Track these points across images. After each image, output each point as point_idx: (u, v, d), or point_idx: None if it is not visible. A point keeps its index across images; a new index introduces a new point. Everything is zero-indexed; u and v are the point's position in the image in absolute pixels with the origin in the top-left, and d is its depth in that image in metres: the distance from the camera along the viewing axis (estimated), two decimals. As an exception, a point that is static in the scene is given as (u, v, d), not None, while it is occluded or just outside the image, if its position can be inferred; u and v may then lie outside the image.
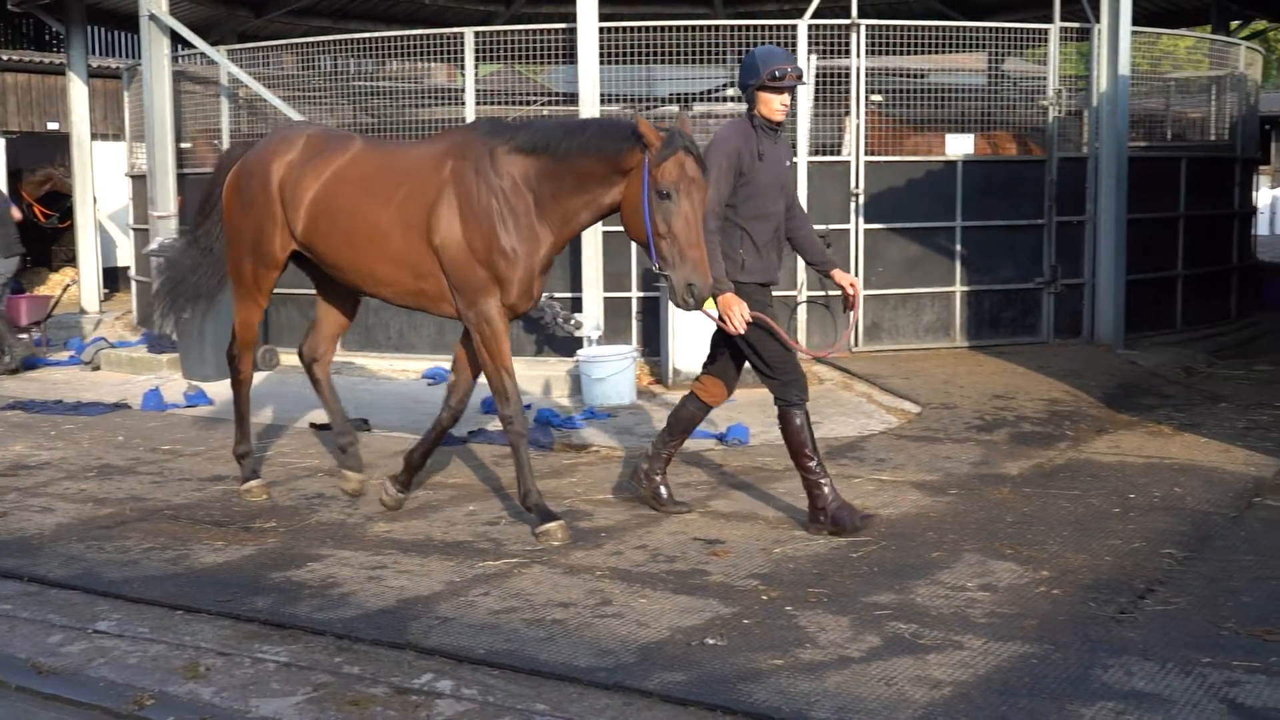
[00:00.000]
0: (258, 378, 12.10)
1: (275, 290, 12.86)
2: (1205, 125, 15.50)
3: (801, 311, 12.11)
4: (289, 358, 12.85)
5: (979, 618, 5.33)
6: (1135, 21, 13.18)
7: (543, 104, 13.69)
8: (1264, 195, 24.71)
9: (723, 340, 6.76)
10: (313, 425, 9.78)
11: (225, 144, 13.44)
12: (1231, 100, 15.19)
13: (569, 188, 6.37)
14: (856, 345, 12.37)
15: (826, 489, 6.55)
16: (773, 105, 6.48)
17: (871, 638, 5.10)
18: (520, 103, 13.83)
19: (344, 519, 7.03)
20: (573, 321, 11.74)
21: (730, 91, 14.67)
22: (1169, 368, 11.86)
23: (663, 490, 7.05)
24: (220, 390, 11.29)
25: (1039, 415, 9.63)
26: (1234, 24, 16.93)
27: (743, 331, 6.34)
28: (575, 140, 6.30)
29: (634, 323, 12.13)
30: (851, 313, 6.84)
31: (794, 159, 6.87)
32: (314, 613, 5.49)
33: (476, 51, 12.52)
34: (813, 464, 6.55)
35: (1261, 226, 20.82)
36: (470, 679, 4.80)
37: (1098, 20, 13.06)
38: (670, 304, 6.48)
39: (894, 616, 5.34)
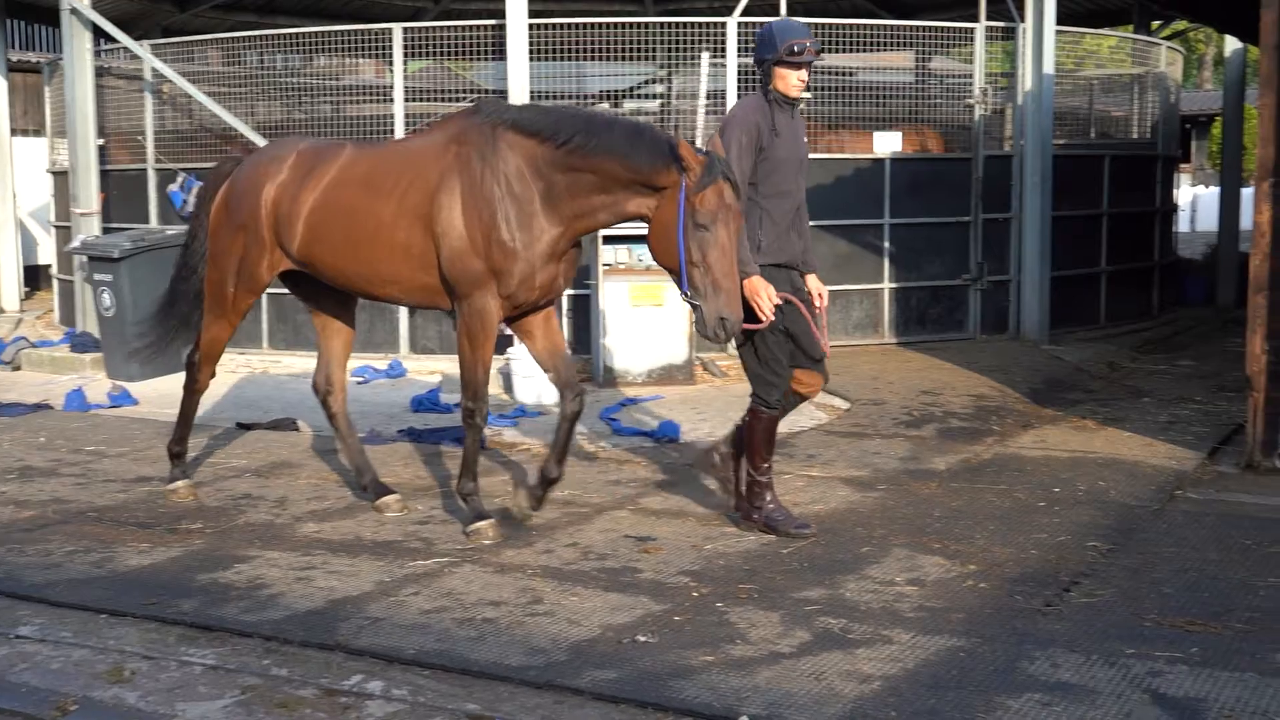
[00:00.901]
0: (183, 378, 11.99)
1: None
2: (1128, 124, 15.74)
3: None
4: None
5: (908, 612, 5.37)
6: (1059, 21, 13.36)
7: (471, 100, 13.60)
8: (1184, 193, 25.12)
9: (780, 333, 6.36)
10: (239, 424, 9.67)
11: (150, 140, 13.26)
12: (1153, 99, 15.44)
13: (588, 185, 6.09)
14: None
15: (769, 496, 6.52)
16: (789, 81, 6.26)
17: (801, 633, 5.12)
18: (450, 100, 13.74)
19: (272, 520, 6.95)
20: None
21: (659, 89, 14.68)
22: (1093, 363, 12.03)
23: (777, 516, 6.55)
24: (144, 390, 11.16)
25: (966, 411, 9.73)
26: (1155, 24, 17.20)
27: (771, 317, 6.08)
28: (600, 139, 5.99)
29: (564, 322, 12.12)
30: (819, 316, 6.54)
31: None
32: (242, 614, 5.43)
33: (405, 47, 12.45)
34: (764, 466, 6.50)
35: (1182, 224, 21.16)
36: (401, 679, 4.76)
37: (1023, 20, 13.23)
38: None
39: (824, 612, 5.37)
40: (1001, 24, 13.55)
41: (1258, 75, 7.95)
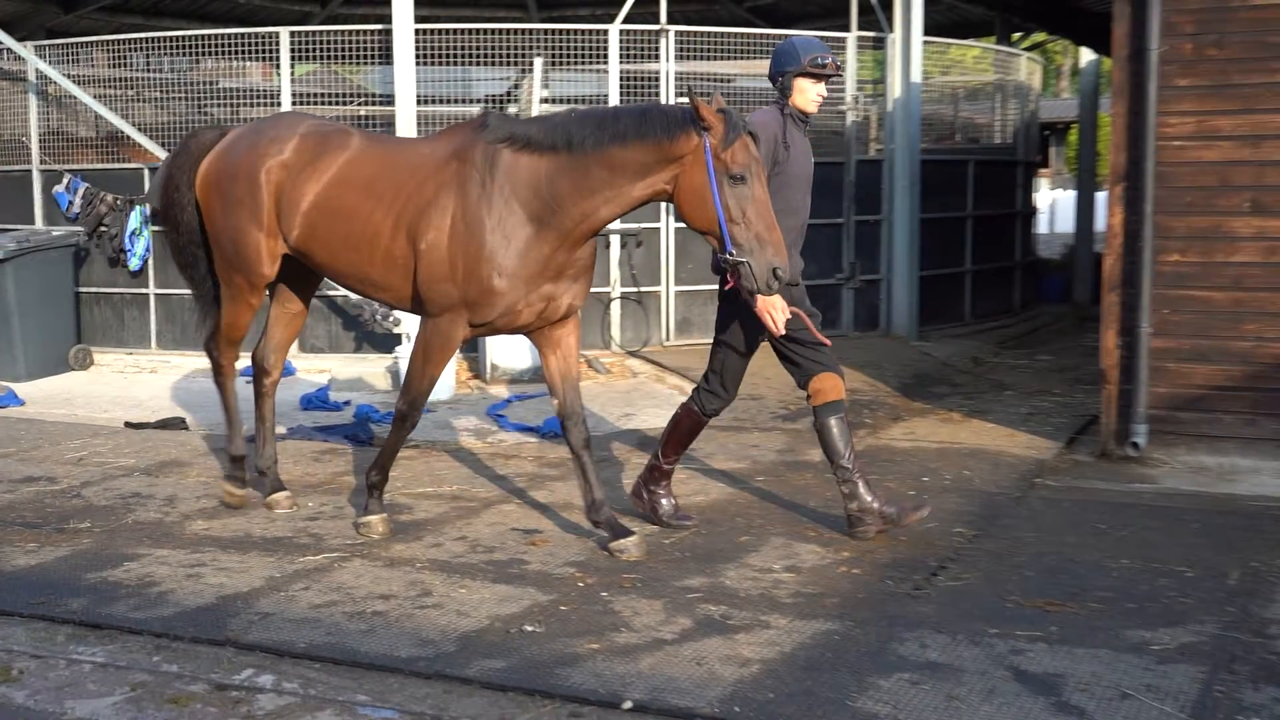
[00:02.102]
0: (70, 378, 11.72)
1: (91, 289, 12.62)
2: (990, 130, 16.07)
3: (614, 308, 12.18)
4: (101, 357, 12.46)
5: (785, 598, 5.43)
6: (926, 32, 13.59)
7: (359, 104, 13.47)
8: (1043, 196, 25.72)
9: (782, 342, 6.27)
10: (128, 424, 9.47)
11: (34, 145, 12.90)
12: (1014, 107, 15.78)
13: (597, 183, 5.74)
14: (667, 340, 12.49)
15: (665, 486, 6.58)
16: (809, 95, 6.14)
17: (683, 620, 5.16)
18: (337, 103, 13.59)
19: (161, 518, 6.82)
20: (391, 319, 11.59)
21: (544, 93, 14.62)
22: (959, 358, 12.26)
23: (888, 509, 6.21)
24: (30, 391, 10.87)
25: (840, 404, 9.85)
26: (1016, 36, 17.56)
27: (783, 331, 6.00)
28: (608, 131, 5.68)
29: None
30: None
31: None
32: (131, 612, 5.32)
33: (292, 51, 12.27)
34: (672, 460, 6.57)
35: (1041, 225, 21.66)
36: (291, 673, 4.71)
37: (892, 30, 13.43)
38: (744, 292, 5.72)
39: (704, 599, 5.41)
40: (872, 34, 13.74)
41: (1111, 85, 8.17)
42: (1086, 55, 17.12)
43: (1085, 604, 5.32)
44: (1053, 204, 28.50)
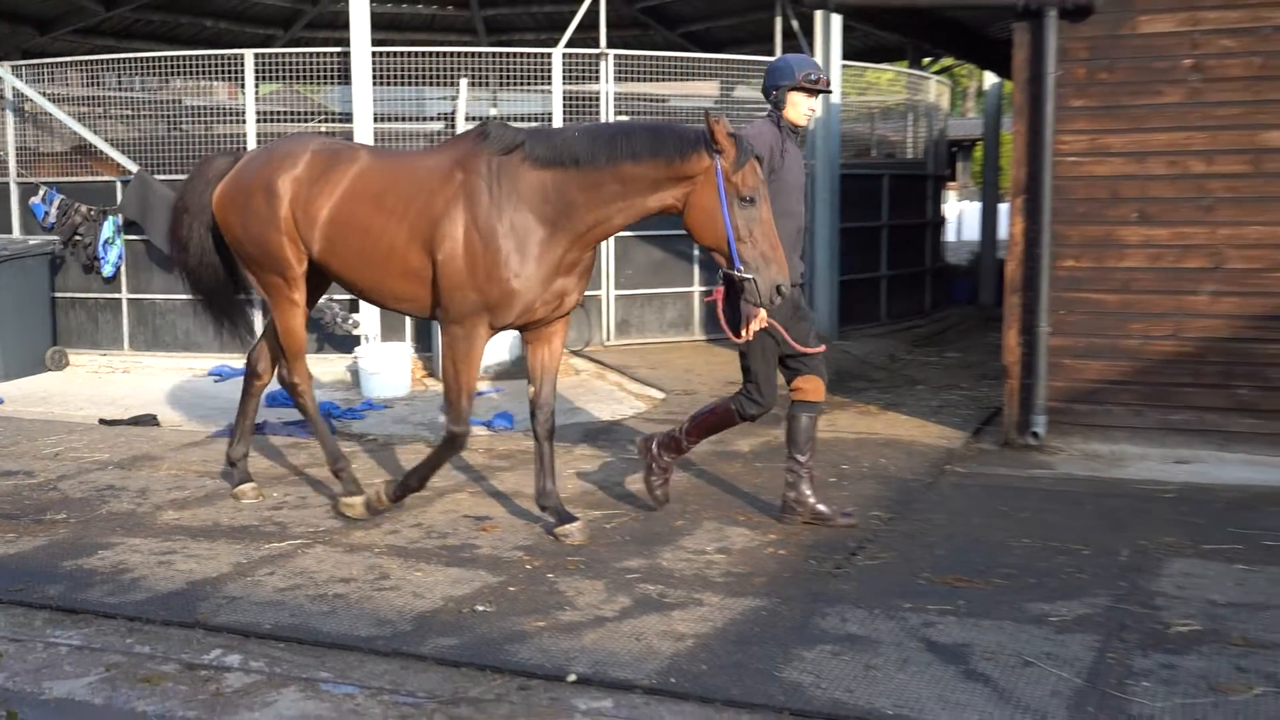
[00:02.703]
0: (46, 378, 11.53)
1: (66, 294, 12.43)
2: (903, 147, 16.20)
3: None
4: (76, 358, 12.27)
5: (717, 577, 5.44)
6: (845, 56, 13.67)
7: (320, 122, 13.34)
8: (951, 207, 25.96)
9: (778, 343, 6.14)
10: (102, 421, 9.33)
11: (11, 159, 12.67)
12: (924, 125, 15.91)
13: (609, 195, 5.62)
14: (608, 340, 12.49)
15: (669, 461, 6.46)
16: (801, 109, 6.05)
17: (623, 599, 5.16)
18: (300, 120, 13.44)
19: (134, 509, 6.72)
20: (351, 321, 11.50)
21: (494, 111, 14.57)
22: (876, 356, 12.34)
23: (822, 508, 6.24)
24: (9, 390, 10.68)
25: (767, 399, 9.89)
26: (926, 60, 17.71)
27: (750, 338, 5.92)
28: (620, 148, 5.56)
29: (408, 321, 11.96)
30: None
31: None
32: (105, 597, 5.24)
33: (257, 72, 12.14)
34: (693, 443, 6.43)
35: (949, 234, 21.85)
36: (258, 652, 4.66)
37: (813, 54, 13.50)
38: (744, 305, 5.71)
39: (643, 579, 5.42)
40: (795, 58, 13.80)
41: (1012, 106, 8.25)
42: (990, 78, 17.30)
43: (991, 580, 5.37)
44: (960, 214, 28.78)
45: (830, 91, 6.24)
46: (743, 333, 5.91)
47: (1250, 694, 4.15)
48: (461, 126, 11.84)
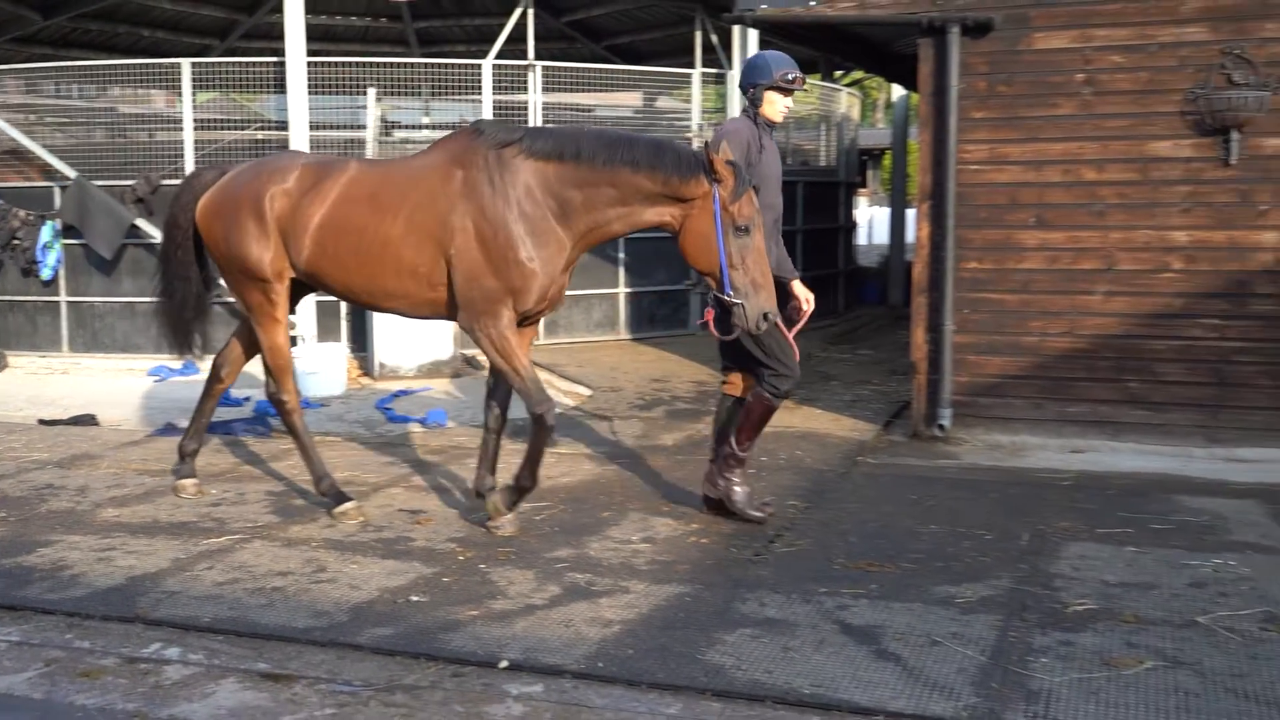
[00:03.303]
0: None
1: (5, 297, 12.13)
2: (817, 155, 16.31)
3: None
4: (16, 359, 11.98)
5: (642, 566, 5.44)
6: (760, 69, 13.71)
7: (257, 129, 13.14)
8: (862, 213, 26.19)
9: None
10: (41, 421, 9.11)
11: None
12: (837, 135, 16.04)
13: (606, 199, 5.52)
14: (537, 339, 12.43)
15: (738, 476, 6.12)
16: (777, 106, 5.96)
17: (553, 587, 5.14)
18: (237, 128, 13.22)
19: (73, 507, 6.56)
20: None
21: (426, 120, 14.45)
22: (792, 353, 12.38)
23: (737, 490, 6.17)
24: (-51, 391, 10.40)
25: (689, 395, 9.92)
26: (838, 73, 17.86)
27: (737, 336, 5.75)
28: (622, 154, 5.45)
29: (343, 323, 11.83)
30: (800, 320, 6.19)
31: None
32: (45, 594, 5.10)
33: (194, 80, 11.93)
34: (744, 451, 6.10)
35: (860, 238, 22.05)
36: (196, 645, 4.57)
37: (731, 67, 13.55)
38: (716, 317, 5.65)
39: (572, 568, 5.40)
40: (714, 70, 13.87)
41: (918, 117, 8.34)
42: (898, 91, 17.50)
43: (901, 564, 5.42)
44: (870, 219, 29.03)
45: (806, 89, 6.19)
46: (728, 334, 5.72)
47: (1140, 668, 4.23)
48: (372, 134, 11.76)
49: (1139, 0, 7.64)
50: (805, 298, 6.25)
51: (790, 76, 5.92)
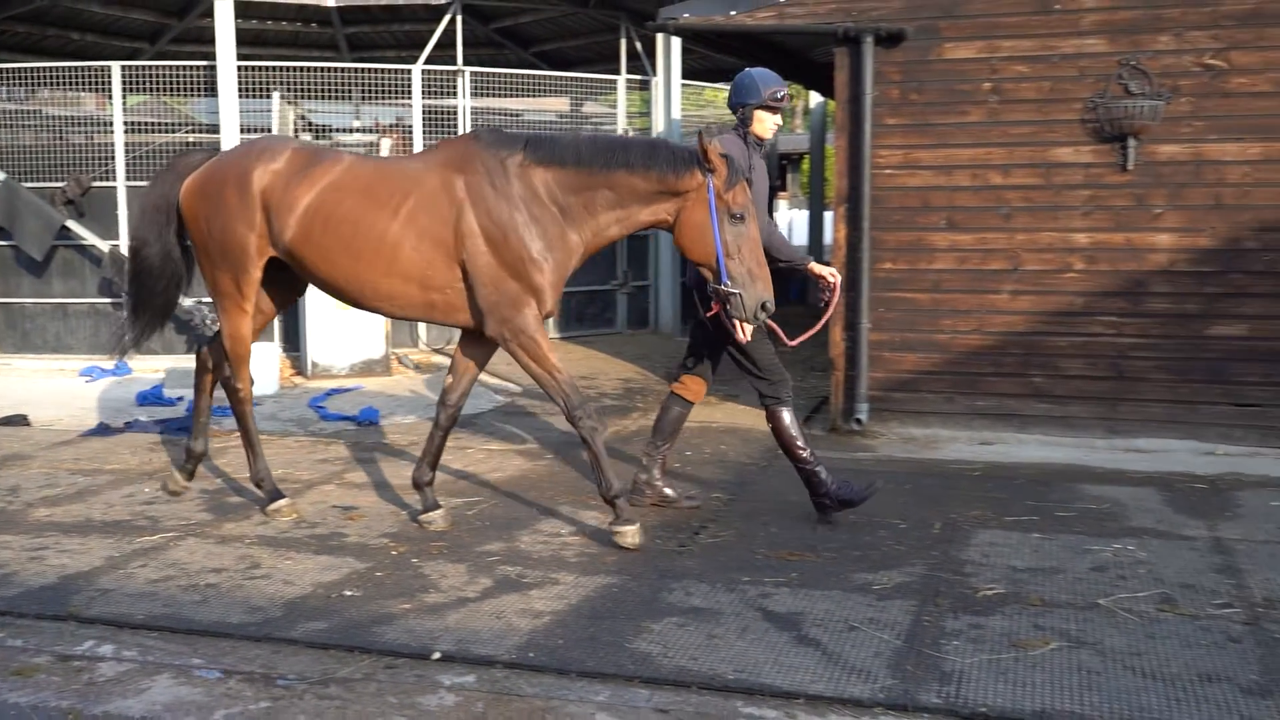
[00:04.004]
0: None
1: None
2: (738, 160, 16.31)
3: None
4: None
5: (571, 558, 5.44)
6: (684, 76, 13.79)
7: (188, 132, 12.89)
8: (782, 215, 26.40)
9: (703, 341, 6.17)
10: (-28, 422, 8.87)
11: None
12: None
13: (604, 202, 5.43)
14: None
15: (823, 473, 5.97)
16: (766, 124, 5.92)
17: (484, 580, 5.11)
18: (167, 131, 12.96)
19: (4, 507, 6.40)
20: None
21: (356, 124, 14.29)
22: (715, 351, 12.44)
23: (668, 491, 6.29)
24: (-124, 393, 10.08)
25: (617, 391, 9.92)
26: (758, 81, 17.94)
27: (750, 338, 5.67)
28: (616, 157, 5.36)
29: (276, 322, 11.66)
30: (831, 299, 6.08)
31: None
32: (-23, 593, 4.98)
33: (124, 83, 11.68)
34: (805, 454, 5.95)
35: (781, 239, 22.12)
36: (130, 642, 4.48)
37: (655, 74, 13.59)
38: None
39: (503, 561, 5.38)
40: (639, 77, 13.88)
41: (835, 123, 8.43)
42: (815, 98, 17.64)
43: (820, 553, 5.47)
44: (790, 222, 29.24)
45: (790, 106, 6.14)
46: (740, 335, 5.65)
47: (1046, 648, 4.32)
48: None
49: (1042, 13, 7.80)
50: (829, 274, 6.12)
51: (779, 94, 5.89)
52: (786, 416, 5.98)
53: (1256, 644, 4.33)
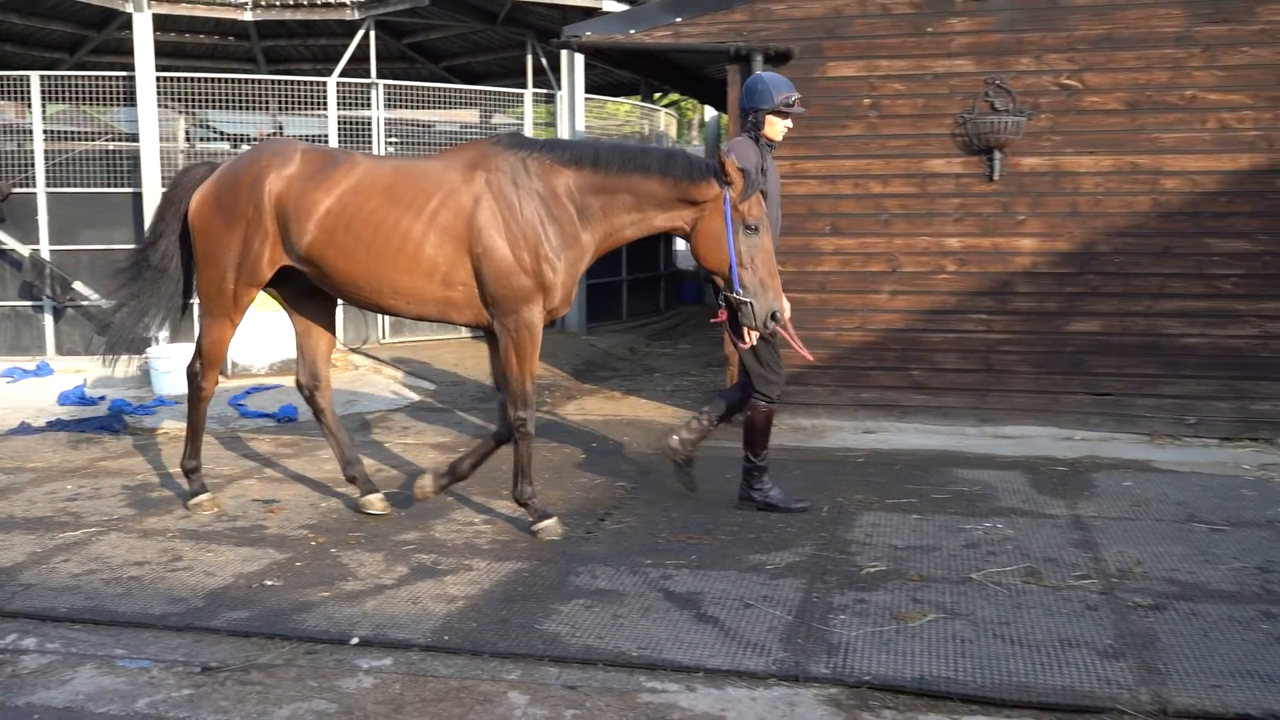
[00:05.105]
0: None
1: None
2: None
3: (339, 310, 11.78)
4: None
5: (484, 545, 5.40)
6: (588, 90, 13.75)
7: (108, 140, 12.49)
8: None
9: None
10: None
11: None
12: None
13: (622, 205, 5.32)
14: (384, 338, 12.21)
15: (767, 478, 5.97)
16: (778, 128, 5.80)
17: (401, 568, 5.05)
18: (88, 139, 12.54)
19: (-74, 505, 6.15)
20: (142, 325, 10.83)
21: (271, 133, 13.98)
22: (619, 349, 12.47)
23: (773, 493, 6.02)
24: None
25: (526, 387, 9.86)
26: (657, 95, 18.03)
27: (754, 343, 5.59)
28: (637, 163, 5.27)
29: (195, 324, 11.35)
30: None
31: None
32: (-103, 591, 4.77)
33: (43, 92, 11.27)
34: (763, 454, 5.94)
35: (679, 243, 22.24)
36: (54, 635, 4.33)
37: (560, 88, 13.53)
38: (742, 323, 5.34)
39: (418, 550, 5.32)
40: (545, 91, 13.82)
41: (728, 135, 8.48)
42: (710, 111, 17.75)
43: (717, 536, 5.50)
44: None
45: (804, 110, 6.09)
46: (744, 342, 5.57)
47: (924, 620, 4.40)
48: (182, 144, 11.38)
49: (915, 36, 7.94)
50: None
51: (790, 100, 5.78)
52: (763, 416, 5.92)
53: (1111, 611, 4.47)
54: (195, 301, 6.13)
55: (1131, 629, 4.28)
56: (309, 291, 5.90)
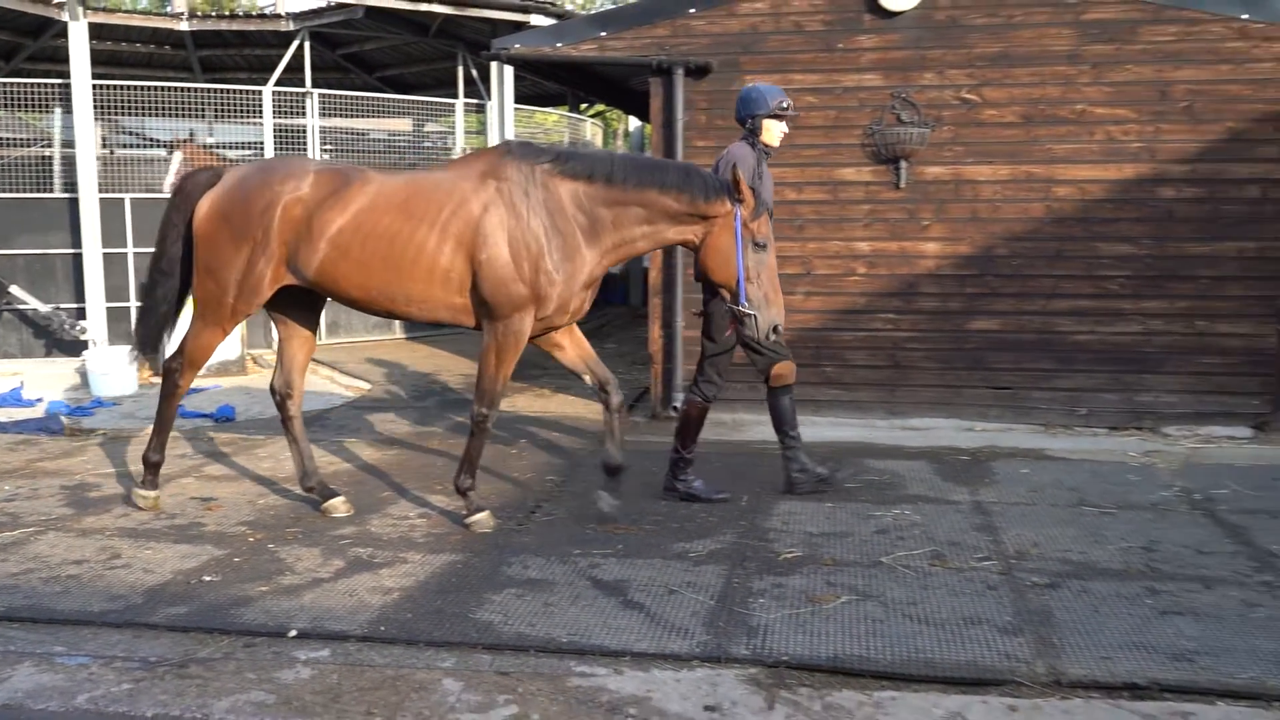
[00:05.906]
0: None
1: None
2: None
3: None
4: None
5: (419, 538, 5.35)
6: (516, 100, 13.68)
7: (44, 147, 12.13)
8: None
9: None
10: None
11: None
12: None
13: (634, 218, 5.22)
14: (321, 339, 12.02)
15: (690, 471, 5.97)
16: (774, 133, 5.76)
17: (337, 562, 4.98)
18: (24, 146, 12.16)
19: None
20: (79, 327, 10.56)
21: (211, 140, 13.69)
22: (548, 348, 12.41)
23: (821, 470, 6.13)
24: None
25: (459, 386, 9.80)
26: (584, 106, 18.00)
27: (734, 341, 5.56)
28: (652, 177, 5.18)
29: (132, 325, 11.08)
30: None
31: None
32: None
33: (-23, 99, 10.93)
34: (692, 447, 5.96)
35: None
36: (-9, 634, 4.20)
37: (490, 98, 13.44)
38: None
39: (355, 544, 5.25)
40: (476, 101, 13.72)
41: (651, 144, 8.49)
42: (634, 122, 17.77)
43: (643, 527, 5.51)
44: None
45: (797, 115, 6.04)
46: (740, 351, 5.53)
47: (838, 602, 4.46)
48: (99, 150, 11.15)
49: (827, 51, 8.03)
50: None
51: (784, 104, 5.77)
52: (698, 411, 5.94)
53: (1010, 590, 4.57)
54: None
55: (1029, 606, 4.37)
56: (295, 302, 5.75)
